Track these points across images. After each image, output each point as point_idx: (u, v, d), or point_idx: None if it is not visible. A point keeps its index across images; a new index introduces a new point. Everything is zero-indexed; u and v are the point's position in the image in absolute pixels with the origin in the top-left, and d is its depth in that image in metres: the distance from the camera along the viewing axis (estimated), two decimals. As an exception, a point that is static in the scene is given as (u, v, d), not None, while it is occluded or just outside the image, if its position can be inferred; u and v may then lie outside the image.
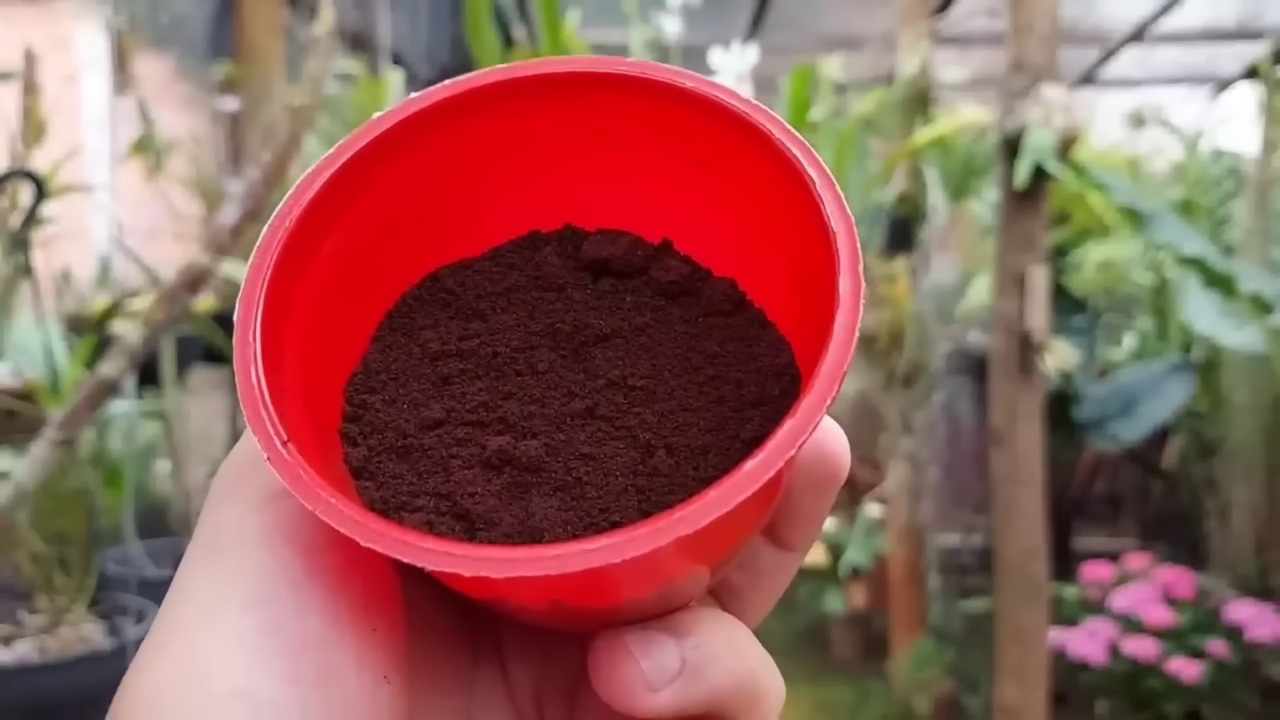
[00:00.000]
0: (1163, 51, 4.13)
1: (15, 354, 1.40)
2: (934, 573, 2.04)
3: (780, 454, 0.19)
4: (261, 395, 0.21)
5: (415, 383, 0.24)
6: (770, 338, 0.25)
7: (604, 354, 0.25)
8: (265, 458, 0.20)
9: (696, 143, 0.25)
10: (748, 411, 0.23)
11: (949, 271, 2.18)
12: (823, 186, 0.22)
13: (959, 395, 2.02)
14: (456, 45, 3.60)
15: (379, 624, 0.21)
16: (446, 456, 0.23)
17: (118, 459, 1.60)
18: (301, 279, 0.23)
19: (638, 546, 0.18)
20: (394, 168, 0.24)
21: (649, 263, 0.26)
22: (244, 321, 0.21)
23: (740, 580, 0.26)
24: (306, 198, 0.23)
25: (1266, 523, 1.84)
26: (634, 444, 0.23)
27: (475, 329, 0.25)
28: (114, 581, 1.46)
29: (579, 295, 0.26)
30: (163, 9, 2.35)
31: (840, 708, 2.17)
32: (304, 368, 0.23)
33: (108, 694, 0.43)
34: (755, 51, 1.56)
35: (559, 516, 0.22)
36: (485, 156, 0.26)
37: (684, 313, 0.26)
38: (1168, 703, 1.63)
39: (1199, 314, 1.79)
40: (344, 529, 0.19)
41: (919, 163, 2.13)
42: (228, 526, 0.21)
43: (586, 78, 0.24)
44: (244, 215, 1.12)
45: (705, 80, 0.24)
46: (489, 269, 0.26)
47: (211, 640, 0.20)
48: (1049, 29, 1.41)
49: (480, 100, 0.25)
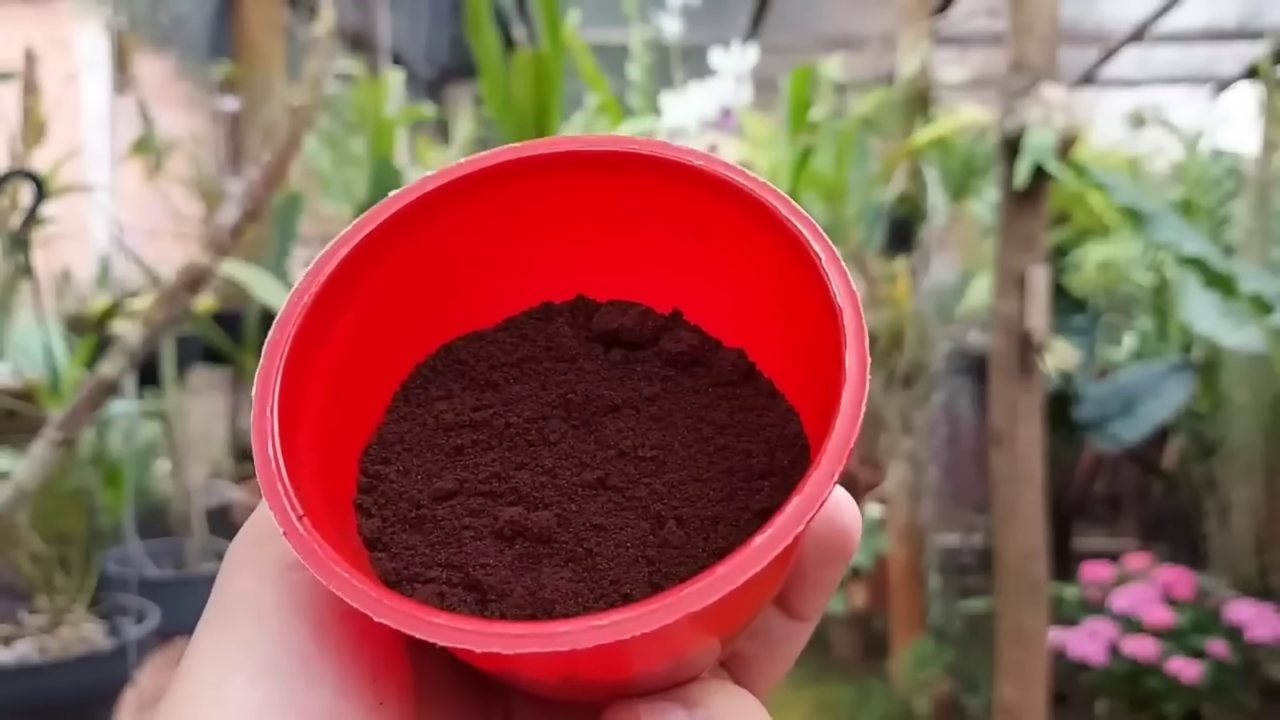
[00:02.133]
0: (1163, 51, 4.13)
1: (15, 354, 1.40)
2: (934, 573, 2.04)
3: (789, 530, 0.19)
4: (279, 470, 0.21)
5: (429, 453, 0.25)
6: (779, 408, 0.25)
7: (615, 424, 0.25)
8: (281, 532, 0.20)
9: (705, 218, 0.25)
10: (757, 482, 0.24)
11: (949, 271, 2.18)
12: (829, 264, 0.23)
13: (959, 395, 2.02)
14: (456, 45, 3.60)
15: (387, 698, 0.21)
16: (459, 527, 0.23)
17: (118, 459, 1.60)
18: (318, 352, 0.24)
19: (647, 623, 0.18)
20: (409, 243, 0.25)
21: (659, 333, 0.27)
22: (262, 396, 0.22)
23: (751, 650, 0.26)
24: (324, 273, 0.24)
25: (1266, 523, 1.84)
26: (645, 515, 0.23)
27: (489, 399, 0.26)
28: (114, 581, 1.46)
29: (590, 366, 0.26)
30: (163, 9, 2.35)
31: (840, 708, 2.17)
32: (320, 439, 0.23)
33: (108, 694, 0.44)
34: (755, 51, 1.56)
35: (570, 588, 0.22)
36: (499, 231, 0.26)
37: (694, 383, 0.26)
38: (1168, 703, 1.63)
39: (1199, 314, 1.79)
40: (356, 604, 0.19)
41: (919, 163, 2.13)
42: (240, 597, 0.22)
43: (599, 157, 0.25)
44: (244, 215, 1.12)
45: (714, 159, 0.25)
46: (502, 340, 0.27)
47: (220, 711, 0.20)
48: (1049, 29, 1.40)
49: (494, 178, 0.25)
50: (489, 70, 1.45)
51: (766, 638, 0.26)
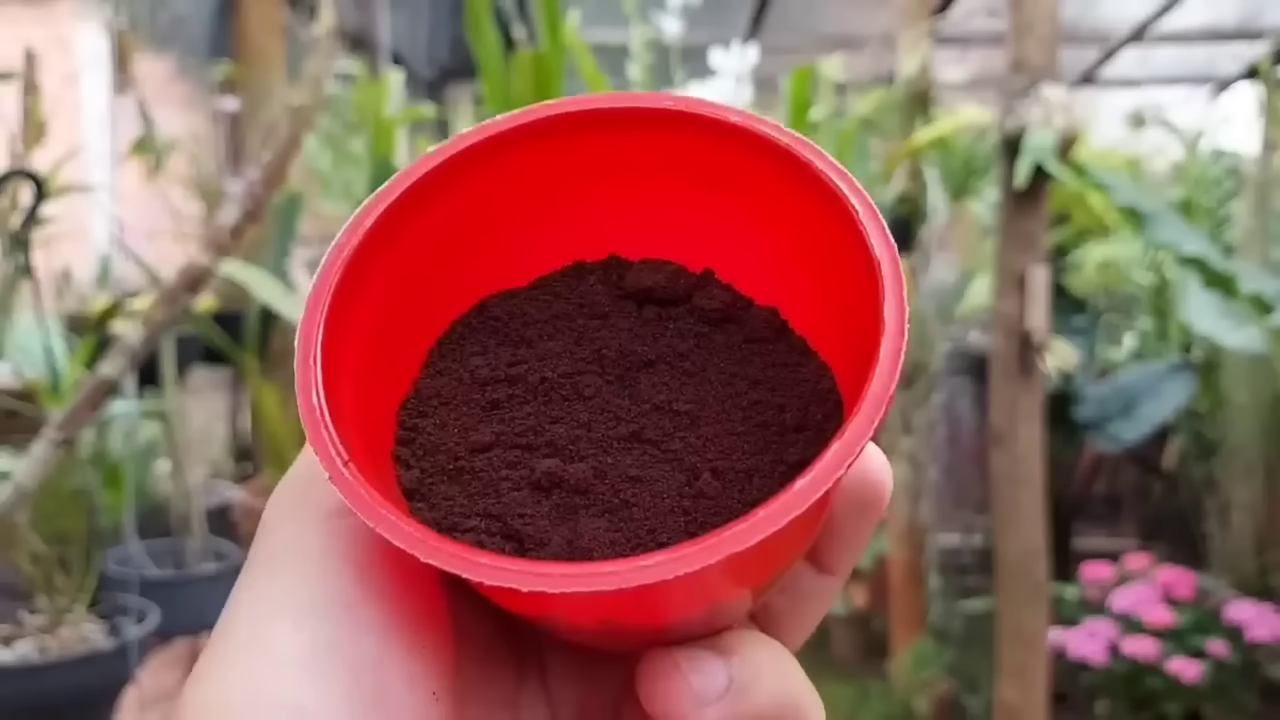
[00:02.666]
0: (1163, 51, 4.13)
1: (15, 354, 1.40)
2: (934, 573, 2.04)
3: (829, 474, 0.19)
4: (323, 417, 0.21)
5: (465, 407, 0.25)
6: (812, 364, 0.25)
7: (649, 380, 0.25)
8: (327, 477, 0.20)
9: (740, 176, 0.25)
10: (791, 436, 0.24)
11: (949, 271, 2.18)
12: (866, 217, 0.23)
13: (959, 395, 2.02)
14: (456, 45, 3.60)
15: (429, 643, 0.22)
16: (496, 479, 0.23)
17: (118, 459, 1.60)
18: (357, 306, 0.24)
19: (690, 563, 0.18)
20: (444, 200, 0.25)
21: (692, 291, 0.27)
22: (305, 346, 0.22)
23: (781, 604, 0.26)
24: (363, 228, 0.24)
25: (1266, 523, 1.84)
26: (680, 467, 0.23)
27: (523, 355, 0.26)
28: (114, 581, 1.46)
29: (624, 323, 0.26)
30: (163, 9, 2.35)
31: (840, 708, 2.17)
32: (359, 392, 0.23)
33: (108, 694, 0.44)
34: (755, 51, 1.56)
35: (607, 537, 0.22)
36: (532, 188, 0.26)
37: (727, 340, 0.26)
38: (1168, 703, 1.63)
39: (1199, 314, 1.79)
40: (404, 545, 0.19)
41: (919, 163, 2.13)
42: (284, 543, 0.22)
43: (634, 113, 0.25)
44: (244, 215, 1.12)
45: (751, 115, 0.24)
46: (536, 297, 0.27)
47: (267, 655, 0.20)
48: (1049, 29, 1.40)
49: (528, 135, 0.25)
50: (489, 70, 1.45)
51: (796, 592, 0.26)
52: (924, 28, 2.11)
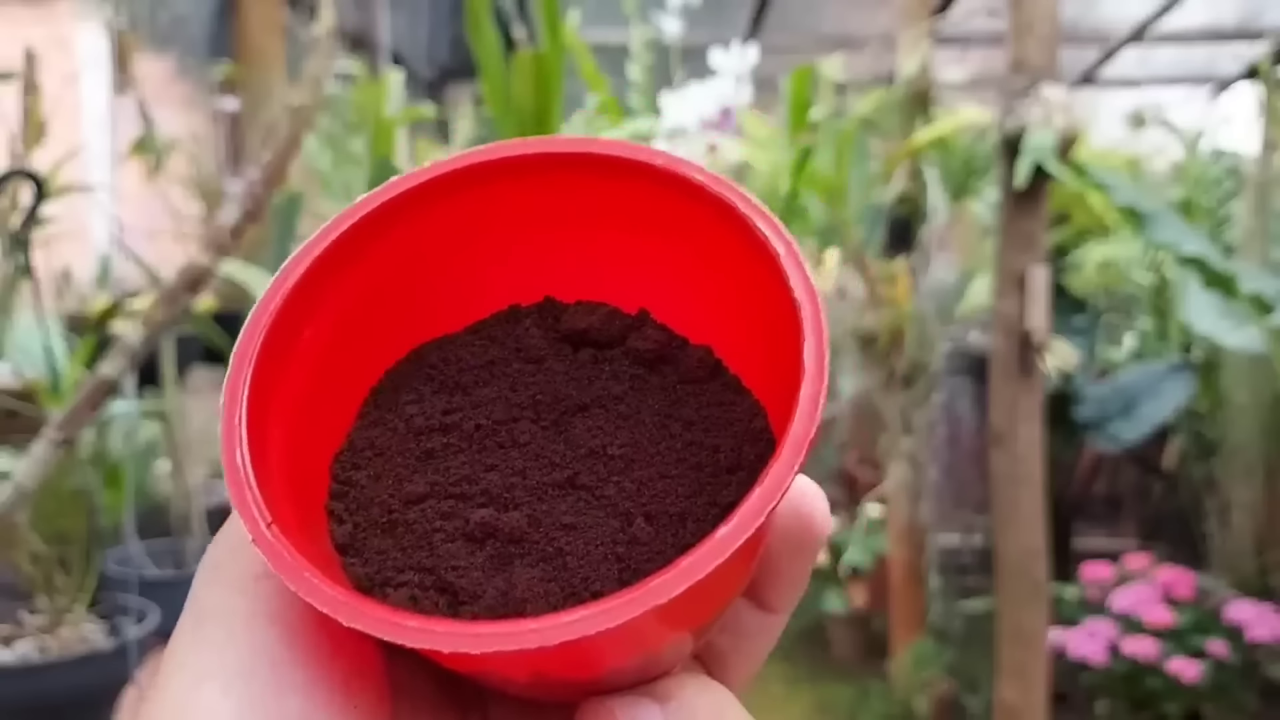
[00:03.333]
0: (1163, 51, 4.13)
1: (15, 354, 1.40)
2: (934, 573, 2.04)
3: (751, 520, 0.19)
4: (247, 478, 0.21)
5: (399, 458, 0.25)
6: (745, 403, 0.25)
7: (584, 424, 0.25)
8: (250, 539, 0.20)
9: (669, 218, 0.25)
10: (725, 477, 0.24)
11: (949, 271, 2.18)
12: (787, 259, 0.23)
13: (959, 395, 2.02)
14: (456, 45, 3.60)
15: (361, 702, 0.22)
16: (430, 530, 0.23)
17: (118, 459, 1.60)
18: (287, 359, 0.24)
19: (613, 617, 0.18)
20: (376, 248, 0.25)
21: (627, 332, 0.27)
22: (230, 404, 0.22)
23: (724, 644, 0.26)
24: (292, 279, 0.23)
25: (1266, 523, 1.84)
26: (614, 513, 0.23)
27: (458, 402, 0.26)
28: (114, 581, 1.46)
29: (559, 366, 0.26)
30: (163, 9, 2.35)
31: (840, 708, 2.17)
32: (291, 446, 0.23)
33: (108, 694, 0.43)
34: (755, 51, 1.55)
35: (542, 587, 0.22)
36: (465, 235, 0.26)
37: (661, 380, 0.26)
38: (1168, 703, 1.63)
39: (1199, 314, 1.79)
40: (325, 609, 0.19)
41: (919, 163, 2.13)
42: (213, 606, 0.22)
43: (561, 158, 0.25)
44: (244, 215, 1.12)
45: (678, 159, 0.25)
46: (471, 343, 0.27)
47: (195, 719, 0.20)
48: (1049, 29, 1.40)
49: (460, 182, 0.25)
50: (489, 70, 1.45)
51: (738, 631, 0.26)
52: (924, 28, 2.11)
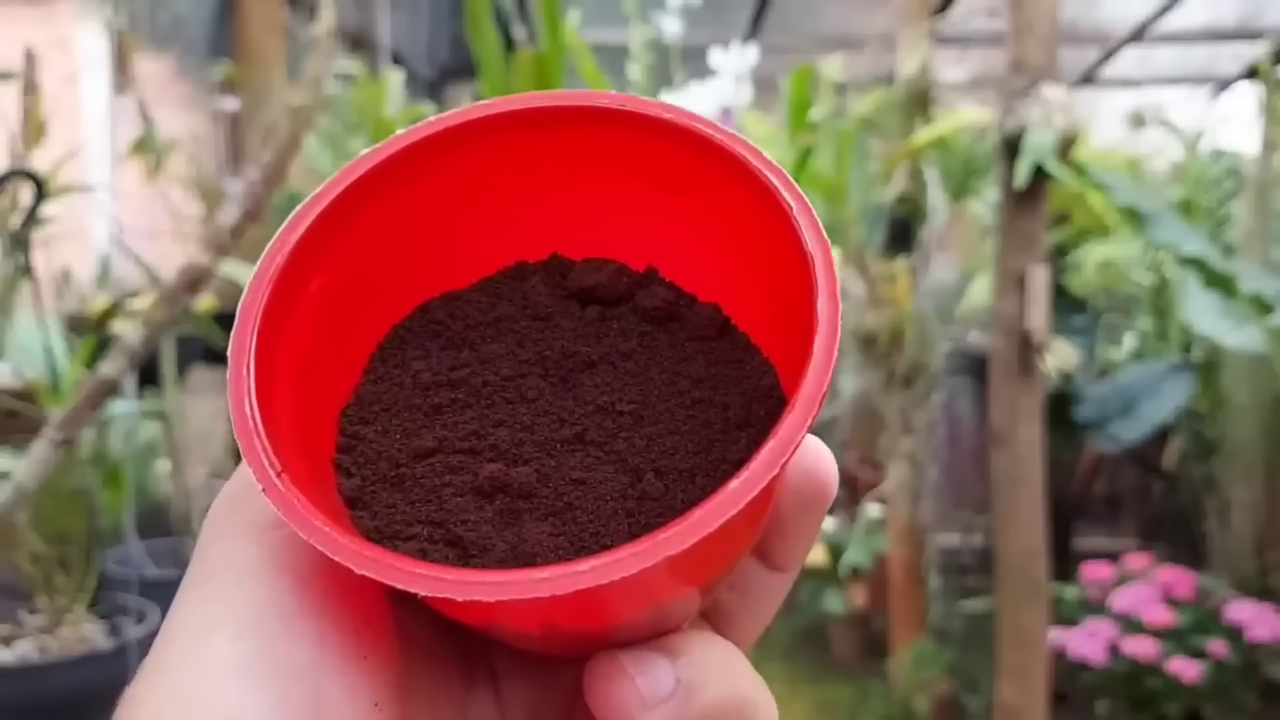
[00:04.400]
0: (1163, 51, 4.13)
1: (15, 354, 1.40)
2: (934, 573, 2.04)
3: (763, 473, 0.19)
4: (256, 428, 0.21)
5: (407, 412, 0.25)
6: (755, 361, 0.25)
7: (592, 380, 0.25)
8: (260, 488, 0.20)
9: (678, 173, 0.25)
10: (734, 434, 0.24)
11: (949, 271, 2.18)
12: (800, 213, 0.23)
13: (959, 395, 2.02)
14: (456, 45, 3.60)
15: (370, 652, 0.21)
16: (439, 485, 0.23)
17: (118, 459, 1.60)
18: (294, 313, 0.23)
19: (626, 567, 0.18)
20: (383, 202, 0.25)
21: (634, 290, 0.27)
22: (238, 355, 0.22)
23: (731, 602, 0.26)
24: (298, 232, 0.23)
25: (1266, 523, 1.84)
26: (623, 468, 0.23)
27: (465, 358, 0.26)
28: (114, 581, 1.46)
29: (566, 323, 0.26)
30: (163, 9, 2.35)
31: (840, 708, 2.17)
32: (298, 400, 0.23)
33: (108, 694, 0.43)
34: (755, 51, 1.55)
35: (551, 542, 0.22)
36: (473, 189, 0.26)
37: (670, 338, 0.26)
38: (1168, 703, 1.63)
39: (1199, 314, 1.79)
40: (337, 556, 0.19)
41: (919, 163, 2.13)
42: (221, 557, 0.22)
43: (569, 111, 0.25)
44: (244, 215, 1.12)
45: (686, 112, 0.24)
46: (478, 299, 0.27)
47: (203, 667, 0.20)
48: (1049, 29, 1.40)
49: (467, 134, 0.25)
50: (489, 70, 1.45)
51: (746, 589, 0.26)
52: (924, 28, 2.11)
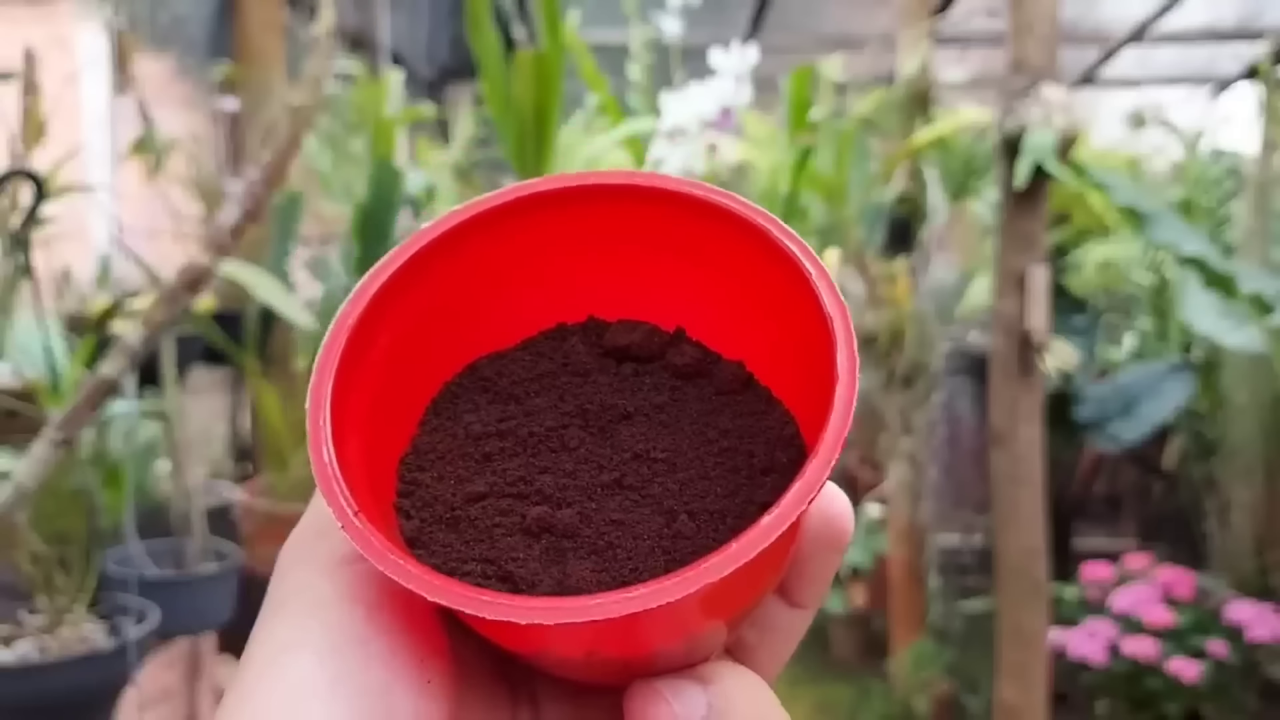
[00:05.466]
0: (1163, 51, 4.13)
1: (15, 354, 1.40)
2: (934, 573, 2.04)
3: (793, 509, 0.21)
4: (334, 472, 0.23)
5: (460, 461, 0.27)
6: (777, 412, 0.28)
7: (628, 431, 0.27)
8: (339, 526, 0.22)
9: (704, 242, 0.28)
10: (759, 479, 0.26)
11: (949, 271, 2.18)
12: (818, 278, 0.25)
13: (959, 395, 2.02)
14: (456, 45, 3.60)
15: (434, 677, 0.24)
16: (490, 525, 0.25)
17: (118, 459, 1.60)
18: (359, 371, 0.26)
19: (671, 593, 0.20)
20: (439, 270, 0.28)
21: (665, 348, 0.29)
22: (315, 407, 0.24)
23: (754, 638, 0.29)
24: (366, 298, 0.26)
25: (1266, 523, 1.84)
26: (659, 510, 0.25)
27: (512, 411, 0.28)
28: (114, 581, 1.46)
29: (604, 379, 0.29)
30: (163, 9, 2.35)
31: (840, 708, 2.17)
32: (363, 449, 0.26)
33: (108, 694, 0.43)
34: (755, 51, 1.55)
35: (594, 577, 0.24)
36: (517, 260, 0.29)
37: (698, 392, 0.29)
38: (1168, 703, 1.63)
39: (1199, 314, 1.79)
40: (411, 585, 0.22)
41: (919, 163, 2.13)
42: (298, 587, 0.24)
43: (604, 189, 0.28)
44: (244, 215, 1.12)
45: (713, 189, 0.27)
46: (522, 358, 0.30)
47: (284, 685, 0.22)
48: (1049, 29, 1.40)
49: (511, 212, 0.28)
50: (489, 70, 1.44)
51: (768, 625, 0.28)
52: (924, 28, 2.11)
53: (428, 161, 2.17)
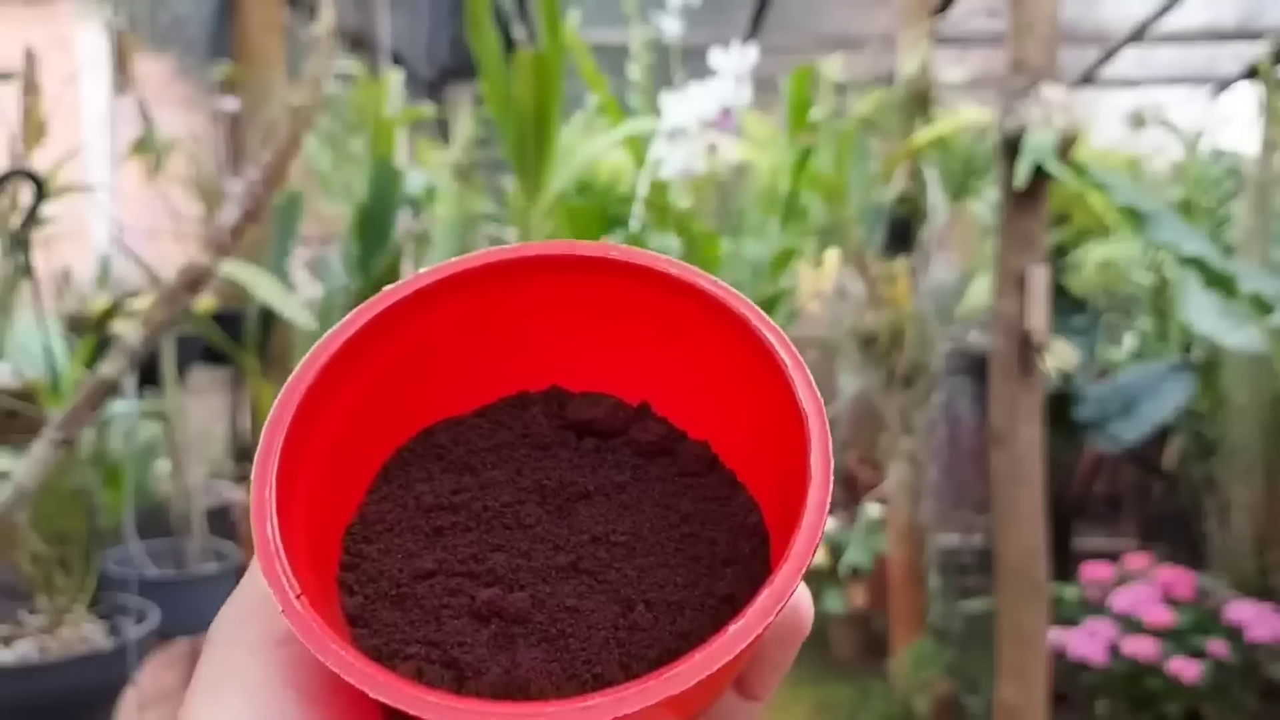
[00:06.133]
0: (1163, 51, 4.13)
1: (15, 354, 1.40)
2: (934, 573, 2.04)
3: (760, 620, 0.20)
4: (277, 549, 0.22)
5: (409, 534, 0.26)
6: (740, 498, 0.27)
7: (587, 510, 0.26)
8: (280, 609, 0.21)
9: (677, 320, 0.27)
10: (720, 569, 0.25)
11: (949, 271, 2.18)
12: (794, 369, 0.24)
13: (959, 395, 2.02)
14: (456, 45, 3.60)
15: None
16: (438, 606, 0.24)
17: (118, 459, 1.60)
18: (311, 437, 0.25)
19: (628, 705, 0.19)
20: (398, 335, 0.27)
21: (629, 424, 0.28)
22: (261, 476, 0.23)
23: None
24: (320, 362, 0.25)
25: (1266, 523, 1.84)
26: (615, 598, 0.24)
27: (466, 483, 0.27)
28: (114, 581, 1.46)
29: (564, 453, 0.28)
30: (163, 9, 2.35)
31: (840, 708, 2.17)
32: (310, 517, 0.24)
33: (108, 694, 0.43)
34: (755, 51, 1.55)
35: (544, 667, 0.23)
36: (480, 325, 0.28)
37: (661, 472, 0.27)
38: (1168, 703, 1.63)
39: (1199, 314, 1.79)
40: (352, 679, 0.20)
41: (919, 163, 2.13)
42: (232, 668, 0.23)
43: (576, 260, 0.27)
44: (244, 215, 1.12)
45: (688, 268, 0.26)
46: (480, 425, 0.28)
47: None
48: (1049, 29, 1.40)
49: (482, 276, 0.27)
50: (489, 70, 1.45)
51: (722, 716, 0.27)
52: (924, 28, 2.11)
53: (427, 161, 2.17)
